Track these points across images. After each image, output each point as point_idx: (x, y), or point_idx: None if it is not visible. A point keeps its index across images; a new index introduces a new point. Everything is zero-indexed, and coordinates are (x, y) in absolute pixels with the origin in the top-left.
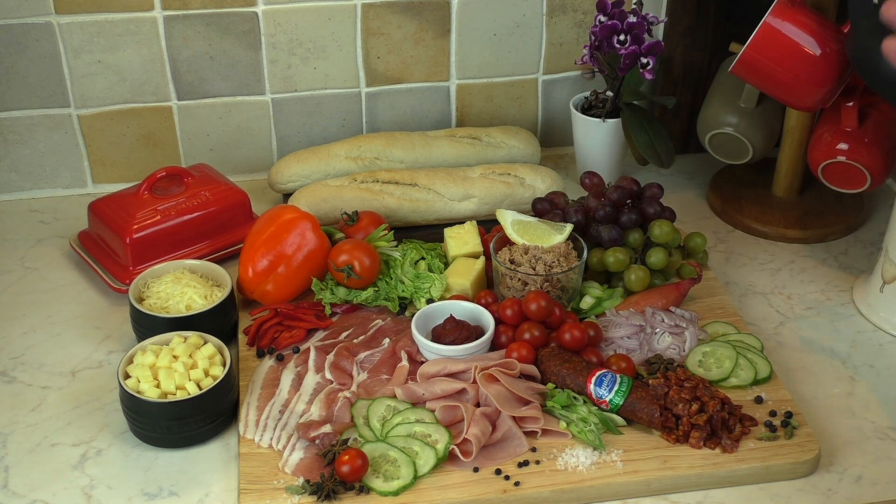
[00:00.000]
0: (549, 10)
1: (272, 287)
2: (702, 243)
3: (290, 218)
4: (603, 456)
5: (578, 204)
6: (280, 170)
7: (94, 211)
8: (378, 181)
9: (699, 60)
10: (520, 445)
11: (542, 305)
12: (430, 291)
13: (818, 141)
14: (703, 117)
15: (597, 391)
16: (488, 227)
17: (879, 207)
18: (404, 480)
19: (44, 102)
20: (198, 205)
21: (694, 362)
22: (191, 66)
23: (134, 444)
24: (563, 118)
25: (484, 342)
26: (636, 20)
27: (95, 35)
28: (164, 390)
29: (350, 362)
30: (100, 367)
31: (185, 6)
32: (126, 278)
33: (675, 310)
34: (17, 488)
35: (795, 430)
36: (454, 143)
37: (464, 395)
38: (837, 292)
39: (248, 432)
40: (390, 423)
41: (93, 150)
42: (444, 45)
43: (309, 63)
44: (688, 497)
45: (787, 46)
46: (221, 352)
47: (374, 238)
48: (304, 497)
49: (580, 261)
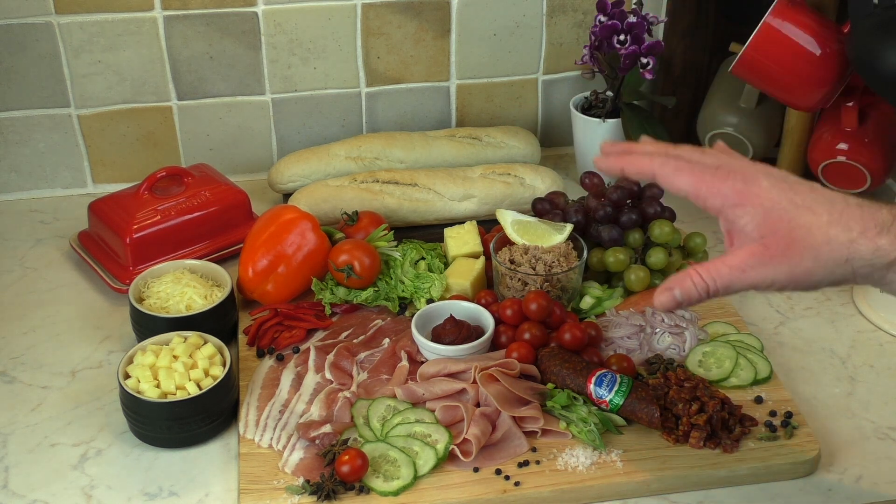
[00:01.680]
0: (549, 10)
1: (272, 287)
2: (702, 243)
3: (290, 218)
4: (603, 456)
5: (578, 204)
6: (280, 170)
7: (94, 211)
8: (378, 181)
9: (699, 60)
10: (520, 445)
11: (542, 305)
12: (430, 291)
13: (818, 141)
14: (703, 117)
15: (597, 391)
16: (488, 227)
17: None
18: (404, 480)
19: (44, 102)
20: (198, 205)
21: (694, 362)
22: (191, 66)
23: (134, 444)
24: (563, 118)
25: (484, 342)
26: (636, 20)
27: (95, 35)
28: (164, 390)
29: (350, 362)
30: (100, 367)
31: (185, 6)
32: (126, 278)
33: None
34: (17, 488)
35: (795, 430)
36: (454, 143)
37: (464, 395)
38: (837, 292)
39: (248, 432)
40: (390, 423)
41: (93, 150)
42: (444, 45)
43: (309, 63)
44: (688, 497)
45: (787, 46)
46: (221, 352)
47: (374, 238)
48: (304, 497)
49: (580, 261)
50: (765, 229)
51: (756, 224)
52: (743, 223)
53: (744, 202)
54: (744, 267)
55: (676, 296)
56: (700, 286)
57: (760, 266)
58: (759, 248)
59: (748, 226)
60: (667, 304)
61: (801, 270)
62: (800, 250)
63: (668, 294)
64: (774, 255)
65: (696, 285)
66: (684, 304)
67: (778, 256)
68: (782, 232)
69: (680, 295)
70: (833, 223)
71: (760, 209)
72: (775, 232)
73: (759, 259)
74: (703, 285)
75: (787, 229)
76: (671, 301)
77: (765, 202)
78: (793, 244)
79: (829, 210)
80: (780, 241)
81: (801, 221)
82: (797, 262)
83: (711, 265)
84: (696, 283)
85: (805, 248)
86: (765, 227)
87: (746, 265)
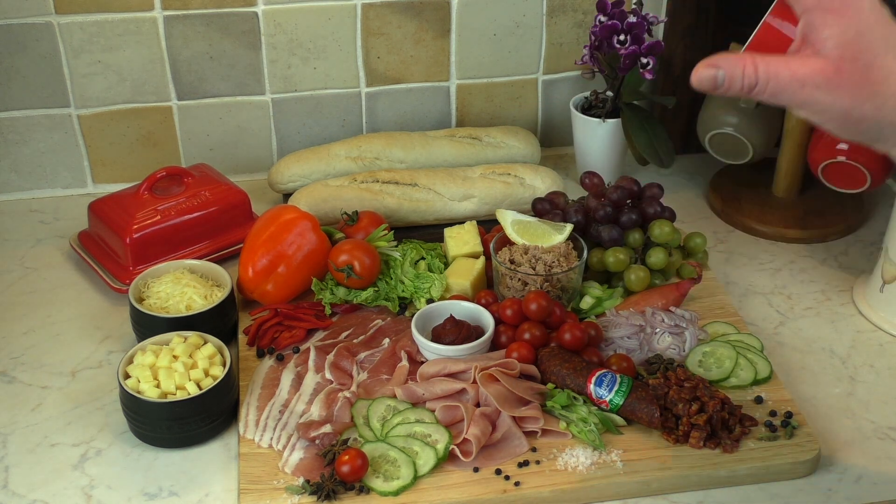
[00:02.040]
0: (549, 10)
1: (272, 287)
2: (702, 243)
3: (290, 218)
4: (603, 456)
5: (578, 204)
6: (280, 170)
7: (94, 211)
8: (378, 181)
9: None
10: (520, 445)
11: (542, 305)
12: (430, 291)
13: (818, 141)
14: (703, 117)
15: (597, 391)
16: (488, 227)
17: (879, 207)
18: (404, 480)
19: (44, 102)
20: (198, 205)
21: (694, 362)
22: (191, 66)
23: (134, 444)
24: (563, 118)
25: (484, 342)
26: (636, 20)
27: (95, 35)
28: (164, 390)
29: (350, 362)
30: (100, 367)
31: (185, 6)
32: (126, 278)
33: (675, 310)
34: (17, 488)
35: (795, 430)
36: (454, 143)
37: (464, 395)
38: (837, 292)
39: (248, 432)
40: (390, 423)
41: (93, 150)
42: (444, 45)
43: (309, 63)
44: (688, 497)
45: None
46: (221, 352)
47: (374, 238)
48: (304, 497)
49: (580, 261)
50: (845, 51)
51: (839, 42)
52: (827, 34)
53: (840, 11)
54: (806, 81)
55: (719, 77)
56: (749, 79)
57: (824, 87)
58: (831, 69)
59: (830, 39)
60: (705, 82)
61: (858, 112)
62: (870, 91)
63: (710, 71)
64: (843, 84)
65: (746, 76)
66: (721, 89)
67: (846, 87)
68: (861, 63)
69: (722, 78)
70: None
71: (853, 28)
72: (855, 59)
73: (825, 79)
74: (752, 79)
75: (866, 62)
76: (711, 80)
77: (860, 23)
78: (865, 82)
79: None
80: (854, 72)
81: (883, 62)
82: (860, 102)
83: (772, 61)
84: (747, 74)
85: (875, 92)
86: (846, 49)
87: (810, 80)
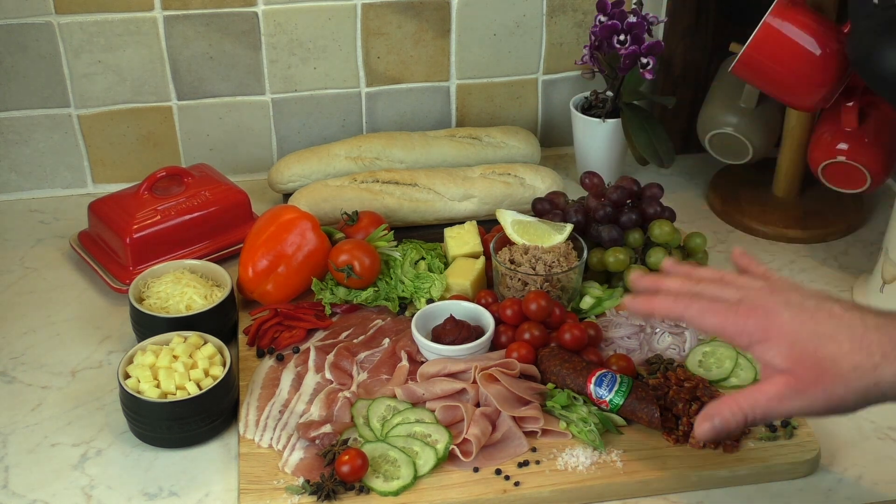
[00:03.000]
0: (549, 10)
1: (272, 287)
2: (702, 243)
3: (290, 218)
4: (603, 456)
5: (578, 204)
6: (280, 170)
7: (94, 211)
8: (378, 181)
9: (699, 60)
10: (520, 445)
11: (542, 305)
12: (430, 291)
13: (818, 141)
14: (703, 117)
15: (597, 391)
16: (488, 227)
17: (879, 207)
18: (404, 480)
19: (44, 102)
20: (198, 205)
21: (694, 362)
22: (191, 66)
23: (134, 444)
24: (563, 118)
25: (484, 342)
26: (636, 20)
27: (95, 35)
28: (164, 390)
29: (350, 362)
30: (100, 367)
31: (185, 6)
32: (126, 278)
33: None
34: (17, 488)
35: (795, 430)
36: (454, 143)
37: (464, 395)
38: (837, 292)
39: (248, 432)
40: (390, 423)
41: (93, 150)
42: (444, 45)
43: (309, 63)
44: (688, 497)
45: (787, 46)
46: (221, 352)
47: (374, 238)
48: (304, 497)
49: (580, 261)
50: (791, 361)
51: (783, 357)
52: (770, 357)
53: (768, 338)
54: (780, 397)
55: (716, 425)
56: (738, 416)
57: (796, 396)
58: (792, 379)
59: (775, 359)
60: (707, 435)
61: (835, 399)
62: (830, 380)
63: (707, 424)
64: (808, 386)
65: (734, 415)
66: (723, 433)
67: (811, 387)
68: (809, 363)
69: (719, 424)
70: (855, 350)
71: (784, 343)
72: (802, 363)
73: (793, 389)
74: (741, 415)
75: (813, 360)
76: (710, 431)
77: (787, 336)
78: (822, 374)
79: (849, 337)
80: (809, 372)
81: (825, 352)
82: (830, 392)
83: (749, 394)
84: (734, 413)
85: (834, 378)
86: (791, 360)
87: (783, 395)
